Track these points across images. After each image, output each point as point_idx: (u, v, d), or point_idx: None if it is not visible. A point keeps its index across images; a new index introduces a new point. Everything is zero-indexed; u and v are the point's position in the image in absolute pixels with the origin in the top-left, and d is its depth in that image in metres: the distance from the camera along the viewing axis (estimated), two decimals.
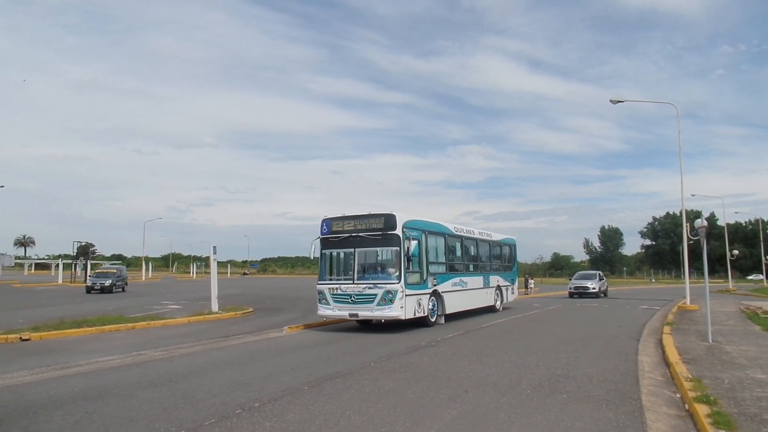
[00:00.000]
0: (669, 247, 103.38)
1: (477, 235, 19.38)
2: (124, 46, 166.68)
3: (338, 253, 14.46)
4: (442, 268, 15.85)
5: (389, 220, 13.36)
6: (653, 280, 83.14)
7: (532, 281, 38.98)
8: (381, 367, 8.56)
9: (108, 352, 10.07)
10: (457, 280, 16.63)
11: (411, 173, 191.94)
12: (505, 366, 8.65)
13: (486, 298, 19.29)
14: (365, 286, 13.31)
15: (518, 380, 7.49)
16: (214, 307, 17.88)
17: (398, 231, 13.22)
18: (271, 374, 7.96)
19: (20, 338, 11.70)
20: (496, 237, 21.78)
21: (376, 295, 13.07)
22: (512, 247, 23.66)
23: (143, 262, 71.40)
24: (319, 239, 14.36)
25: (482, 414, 5.74)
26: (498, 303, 20.40)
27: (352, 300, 13.36)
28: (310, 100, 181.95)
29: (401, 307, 12.91)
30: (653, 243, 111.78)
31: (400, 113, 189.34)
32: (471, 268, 18.51)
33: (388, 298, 12.91)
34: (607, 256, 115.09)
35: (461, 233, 17.84)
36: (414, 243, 13.50)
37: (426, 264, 14.46)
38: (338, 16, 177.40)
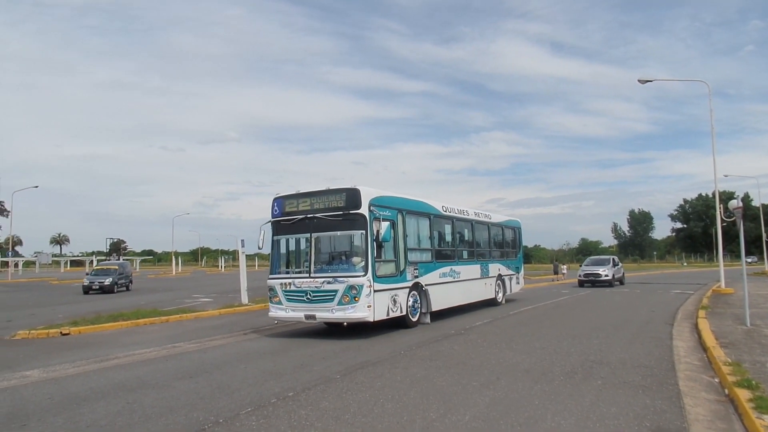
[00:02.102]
0: (701, 229, 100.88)
1: (472, 216, 16.48)
2: (147, 45, 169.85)
3: (292, 240, 11.94)
4: (426, 256, 13.23)
5: (351, 196, 10.83)
6: (685, 264, 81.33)
7: (564, 267, 39.46)
8: (411, 356, 8.59)
9: (144, 345, 10.34)
10: (446, 269, 13.95)
11: (434, 162, 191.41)
12: (537, 353, 8.59)
13: (484, 290, 16.60)
14: (323, 280, 10.75)
15: (550, 367, 7.43)
16: (244, 299, 18.18)
17: (363, 209, 10.67)
18: (303, 364, 8.07)
19: (61, 333, 12.11)
20: (497, 219, 19.03)
21: (336, 291, 10.53)
22: (516, 230, 20.75)
23: (173, 257, 72.99)
24: (269, 223, 11.89)
25: (515, 401, 5.72)
26: (500, 295, 17.78)
27: (307, 298, 10.86)
28: (331, 91, 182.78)
29: (368, 306, 10.38)
30: (684, 226, 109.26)
31: (422, 102, 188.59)
32: (465, 255, 15.78)
33: (352, 295, 10.37)
34: (636, 240, 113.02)
35: (451, 213, 14.99)
36: (385, 225, 10.75)
37: (404, 251, 11.89)
38: (357, 6, 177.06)
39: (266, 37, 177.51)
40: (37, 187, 55.92)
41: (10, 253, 62.02)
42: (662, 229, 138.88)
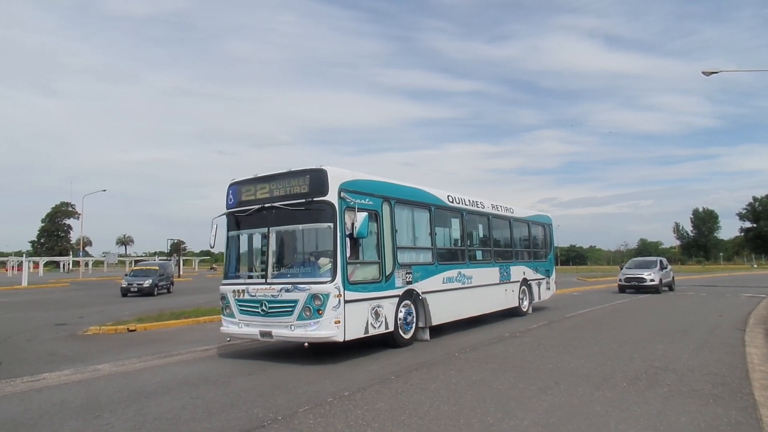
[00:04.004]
0: None
1: (489, 209, 13.85)
2: (206, 53, 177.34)
3: (249, 236, 9.74)
4: (424, 257, 10.73)
5: (315, 180, 8.65)
6: (755, 266, 76.59)
7: None
8: (465, 358, 8.50)
9: (205, 342, 10.72)
10: (452, 273, 11.45)
11: (484, 161, 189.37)
12: (596, 357, 8.30)
13: (505, 298, 13.96)
14: (281, 287, 8.49)
15: (612, 372, 7.16)
16: None
17: (331, 196, 8.45)
18: (357, 364, 8.13)
19: (128, 329, 12.75)
20: (522, 213, 16.13)
21: (296, 301, 8.27)
22: (546, 227, 17.84)
23: None
24: (224, 216, 9.81)
25: (576, 406, 5.54)
26: (525, 303, 15.10)
27: (263, 310, 8.61)
28: (381, 93, 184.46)
29: (336, 322, 8.07)
30: (754, 225, 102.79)
31: (471, 101, 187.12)
32: (479, 255, 13.40)
33: (315, 307, 8.10)
34: (700, 240, 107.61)
35: (460, 205, 12.42)
36: (362, 216, 8.52)
37: (392, 250, 9.56)
38: (406, 8, 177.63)
39: (317, 42, 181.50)
40: (105, 190, 59.60)
41: (81, 253, 66.02)
42: (729, 229, 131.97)
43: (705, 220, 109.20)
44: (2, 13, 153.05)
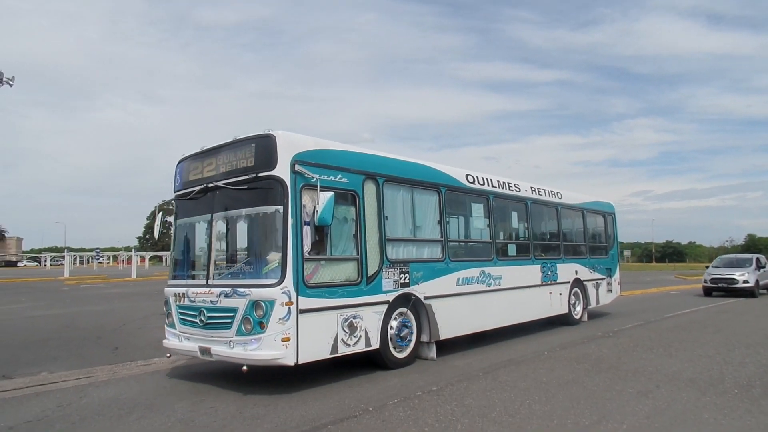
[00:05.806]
0: None
1: (527, 194, 11.20)
2: (291, 56, 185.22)
3: (193, 225, 7.70)
4: (430, 252, 8.50)
5: (262, 149, 6.56)
6: None
7: None
8: (556, 357, 8.24)
9: None
10: (471, 273, 9.06)
11: (570, 153, 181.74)
12: (702, 361, 7.74)
13: (549, 303, 11.30)
14: (221, 291, 6.57)
15: (720, 378, 6.65)
16: None
17: (280, 170, 6.35)
18: (443, 359, 8.08)
19: None
20: (574, 199, 13.16)
21: (236, 310, 6.33)
22: (607, 216, 14.61)
23: None
24: (172, 201, 8.00)
25: (680, 413, 5.21)
26: (578, 309, 12.40)
27: (201, 320, 6.75)
28: (462, 87, 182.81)
29: (284, 339, 6.06)
30: None
31: (556, 91, 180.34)
32: (512, 250, 10.61)
33: (256, 319, 6.15)
34: None
35: (486, 187, 9.91)
36: (327, 196, 6.40)
37: (379, 242, 7.40)
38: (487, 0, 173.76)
39: (397, 39, 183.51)
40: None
41: None
42: None
43: None
44: (114, 30, 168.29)
